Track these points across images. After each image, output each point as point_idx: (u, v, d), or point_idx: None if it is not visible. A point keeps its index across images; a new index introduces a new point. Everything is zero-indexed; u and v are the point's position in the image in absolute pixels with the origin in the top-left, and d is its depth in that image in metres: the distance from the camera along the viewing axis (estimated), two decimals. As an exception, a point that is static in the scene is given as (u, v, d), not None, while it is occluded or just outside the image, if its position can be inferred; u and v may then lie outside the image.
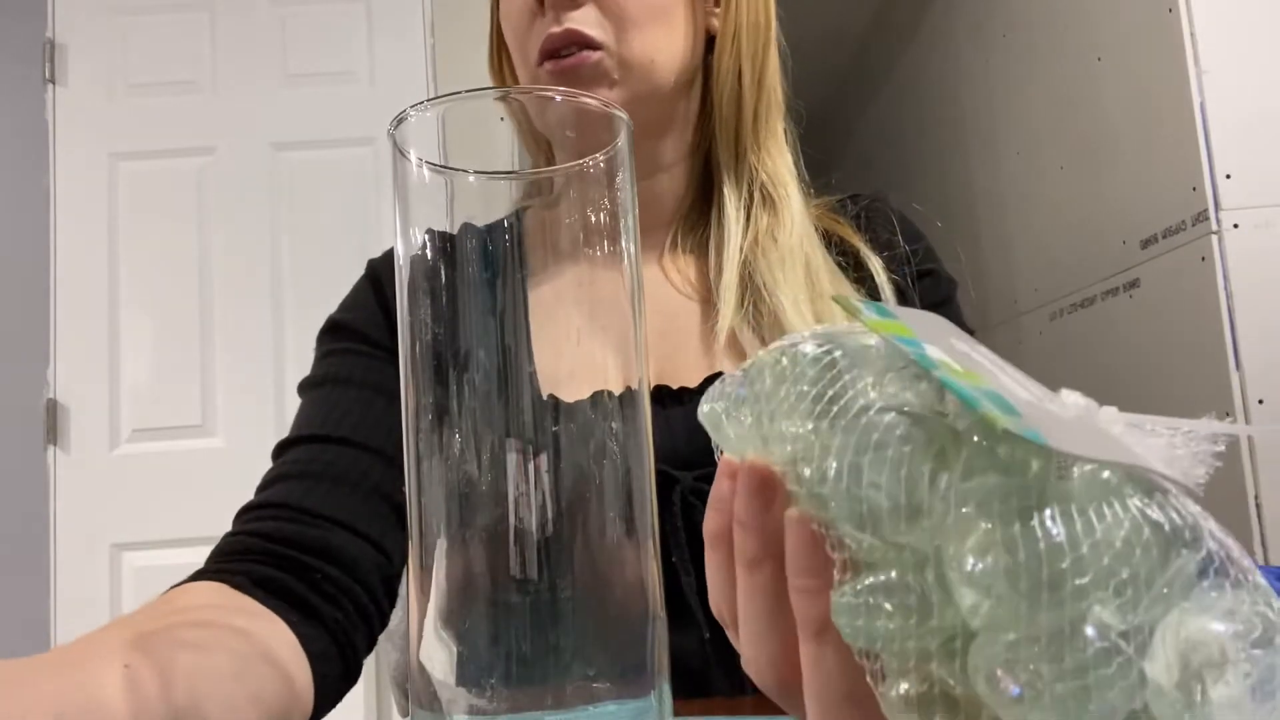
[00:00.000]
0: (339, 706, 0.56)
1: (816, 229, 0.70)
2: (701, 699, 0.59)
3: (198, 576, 0.53)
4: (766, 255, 0.65)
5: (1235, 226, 1.37)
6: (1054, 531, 0.20)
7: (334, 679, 0.53)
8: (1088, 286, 1.77)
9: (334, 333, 0.68)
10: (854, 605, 0.23)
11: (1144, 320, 1.59)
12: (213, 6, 2.12)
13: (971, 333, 0.71)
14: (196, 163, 2.08)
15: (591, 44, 0.61)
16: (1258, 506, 1.32)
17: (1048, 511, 0.20)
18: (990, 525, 0.21)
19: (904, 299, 0.67)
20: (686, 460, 0.60)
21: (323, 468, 0.60)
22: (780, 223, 0.67)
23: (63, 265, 2.05)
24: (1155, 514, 0.21)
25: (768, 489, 0.26)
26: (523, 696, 0.32)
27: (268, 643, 0.48)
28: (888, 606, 0.22)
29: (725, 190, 0.68)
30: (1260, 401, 1.33)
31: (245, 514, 0.58)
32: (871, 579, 0.23)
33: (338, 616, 0.54)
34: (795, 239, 0.66)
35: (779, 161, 0.69)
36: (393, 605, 0.60)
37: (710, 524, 0.29)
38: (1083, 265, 1.79)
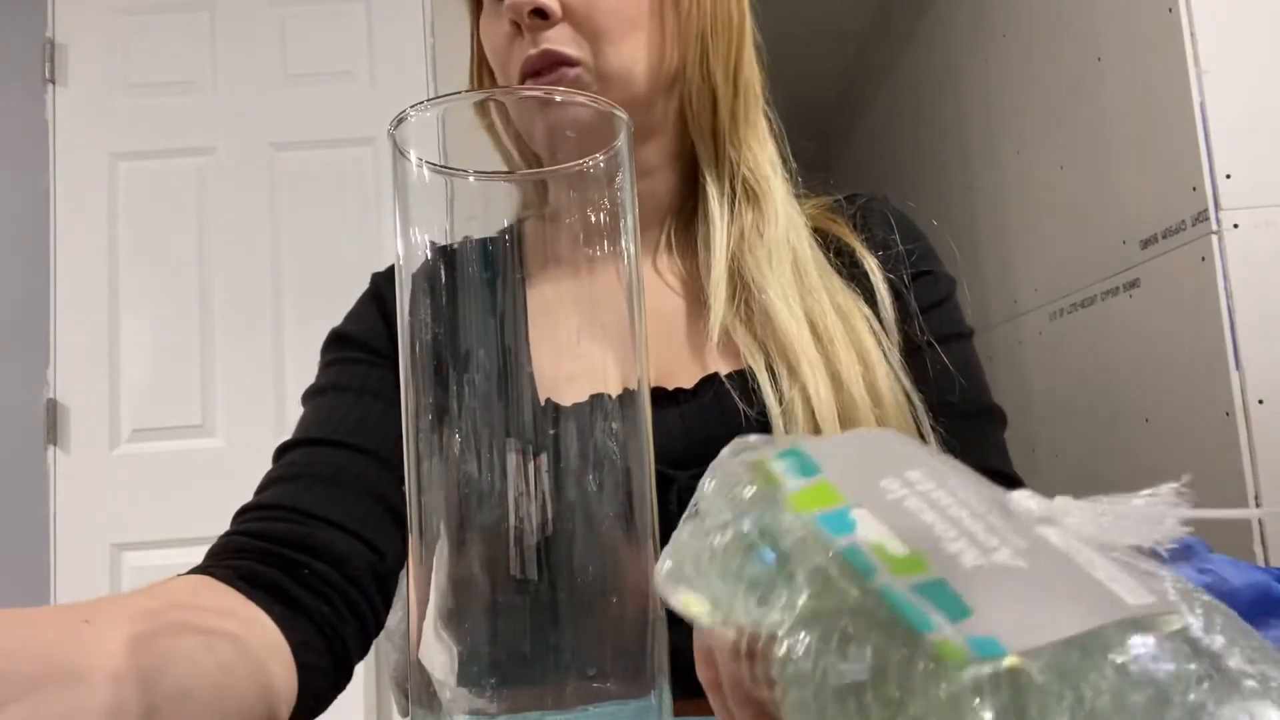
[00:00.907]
0: (339, 706, 0.56)
1: (814, 228, 0.71)
2: (697, 698, 0.59)
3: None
4: (754, 251, 0.66)
5: (1235, 226, 1.37)
6: None
7: (321, 670, 0.53)
8: (1088, 286, 1.77)
9: (336, 344, 0.70)
10: None
11: (1144, 320, 1.59)
12: (213, 6, 2.12)
13: (971, 333, 0.72)
14: (196, 163, 2.08)
15: (569, 61, 0.62)
16: (1258, 507, 1.32)
17: (1031, 706, 0.19)
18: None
19: (900, 299, 0.68)
20: (681, 460, 0.60)
21: (317, 469, 0.60)
22: (765, 217, 0.67)
23: (63, 265, 2.04)
24: (1138, 669, 0.20)
25: (748, 658, 0.26)
26: (523, 696, 0.32)
27: (251, 647, 0.48)
28: None
29: (709, 188, 0.69)
30: (1260, 401, 1.33)
31: (239, 516, 0.59)
32: None
33: (324, 610, 0.55)
34: (781, 232, 0.66)
35: (760, 155, 0.69)
36: (387, 603, 0.61)
37: (702, 674, 0.29)
38: (1083, 265, 1.79)
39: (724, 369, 0.64)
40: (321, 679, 0.54)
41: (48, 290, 2.03)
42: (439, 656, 0.33)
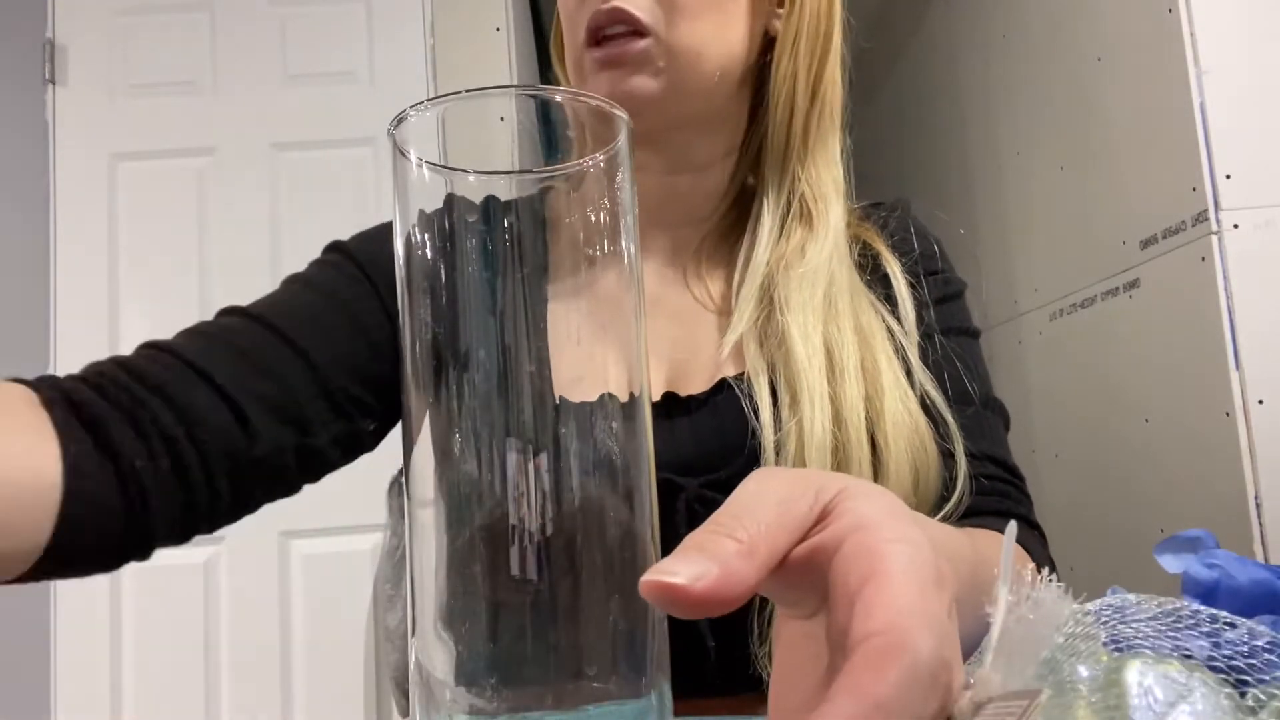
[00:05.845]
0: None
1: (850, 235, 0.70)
2: (701, 699, 0.59)
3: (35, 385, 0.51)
4: (790, 270, 0.63)
5: (1235, 226, 1.37)
6: None
7: (100, 507, 0.50)
8: (1088, 286, 1.77)
9: (333, 249, 0.69)
10: None
11: (1144, 320, 1.59)
12: (213, 6, 2.12)
13: (977, 333, 0.73)
14: (196, 163, 2.08)
15: (639, 29, 0.59)
16: (1258, 506, 1.32)
17: None
18: None
19: (918, 300, 0.68)
20: (691, 468, 0.60)
21: (234, 336, 0.58)
22: (814, 237, 0.65)
23: (63, 265, 2.04)
24: None
25: None
26: (523, 696, 0.32)
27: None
28: None
29: (764, 199, 0.67)
30: (1260, 402, 1.33)
31: (141, 347, 0.58)
32: None
33: (138, 448, 0.51)
34: (824, 256, 0.64)
35: (825, 175, 0.67)
36: (239, 490, 0.56)
37: None
38: (1083, 265, 1.79)
39: (733, 373, 0.64)
40: (99, 513, 0.50)
41: (48, 291, 2.03)
42: (439, 656, 0.33)
